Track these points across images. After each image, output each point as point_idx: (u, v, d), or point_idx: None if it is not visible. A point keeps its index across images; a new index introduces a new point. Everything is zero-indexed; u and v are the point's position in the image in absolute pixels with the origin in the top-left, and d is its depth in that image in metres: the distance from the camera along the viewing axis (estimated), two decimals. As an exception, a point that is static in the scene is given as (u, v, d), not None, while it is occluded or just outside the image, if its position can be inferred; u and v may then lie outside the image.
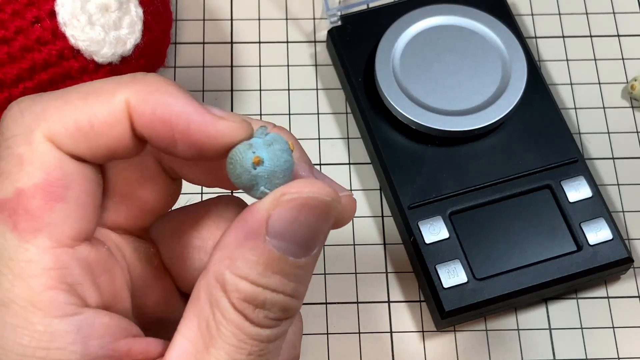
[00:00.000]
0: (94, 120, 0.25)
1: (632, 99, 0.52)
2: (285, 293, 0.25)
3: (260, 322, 0.25)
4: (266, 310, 0.25)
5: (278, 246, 0.25)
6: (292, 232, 0.25)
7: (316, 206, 0.25)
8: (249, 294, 0.24)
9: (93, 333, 0.25)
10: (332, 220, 0.26)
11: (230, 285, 0.24)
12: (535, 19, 0.54)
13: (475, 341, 0.46)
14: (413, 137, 0.48)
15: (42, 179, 0.25)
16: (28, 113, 0.25)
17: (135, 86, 0.25)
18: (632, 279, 0.47)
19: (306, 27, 0.54)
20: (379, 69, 0.48)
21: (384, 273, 0.47)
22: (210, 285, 0.25)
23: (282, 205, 0.25)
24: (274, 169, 0.25)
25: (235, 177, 0.26)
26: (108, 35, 0.42)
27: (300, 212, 0.25)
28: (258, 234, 0.24)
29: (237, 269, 0.25)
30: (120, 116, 0.25)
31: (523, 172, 0.47)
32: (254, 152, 0.25)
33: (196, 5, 0.54)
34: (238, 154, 0.25)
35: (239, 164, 0.25)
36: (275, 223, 0.25)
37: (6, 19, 0.41)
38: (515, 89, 0.48)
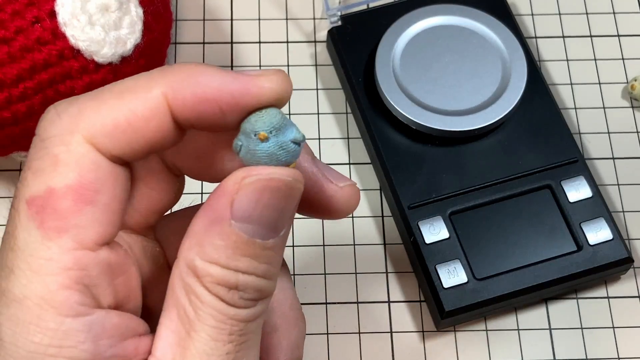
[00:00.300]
0: (131, 116, 0.25)
1: (632, 99, 0.52)
2: (256, 274, 0.25)
3: (236, 302, 0.25)
4: (240, 291, 0.25)
5: (244, 229, 0.25)
6: (257, 214, 0.25)
7: (277, 187, 0.25)
8: (220, 277, 0.25)
9: (103, 333, 0.25)
10: (296, 200, 0.26)
11: (202, 271, 0.25)
12: (535, 19, 0.54)
13: (475, 341, 0.46)
14: (413, 137, 0.48)
15: (74, 181, 0.25)
16: (65, 115, 0.26)
17: (168, 77, 0.26)
18: (632, 279, 0.47)
19: (306, 27, 0.54)
20: (379, 69, 0.48)
21: (384, 273, 0.47)
22: (183, 273, 0.25)
23: (243, 188, 0.25)
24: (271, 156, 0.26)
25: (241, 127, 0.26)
26: (108, 35, 0.42)
27: (262, 194, 0.25)
28: (223, 218, 0.25)
29: (205, 254, 0.25)
30: (159, 108, 0.25)
31: (523, 172, 0.47)
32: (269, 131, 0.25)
33: (196, 5, 0.54)
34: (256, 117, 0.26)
35: (250, 123, 0.26)
36: (238, 206, 0.25)
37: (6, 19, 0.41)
38: (515, 89, 0.48)
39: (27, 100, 0.41)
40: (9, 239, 0.25)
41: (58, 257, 0.25)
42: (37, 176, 0.25)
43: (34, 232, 0.25)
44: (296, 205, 0.26)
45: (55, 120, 0.26)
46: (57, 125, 0.25)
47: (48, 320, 0.24)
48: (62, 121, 0.25)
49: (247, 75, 0.26)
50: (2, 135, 0.43)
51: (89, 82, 0.42)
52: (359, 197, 0.29)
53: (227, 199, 0.25)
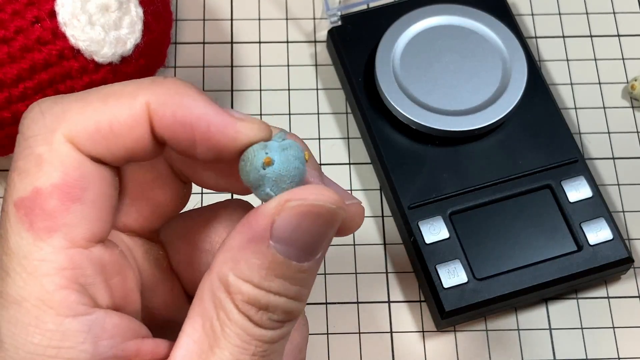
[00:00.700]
0: (114, 122, 0.25)
1: (632, 99, 0.52)
2: (288, 296, 0.25)
3: (263, 323, 0.25)
4: (270, 312, 0.25)
5: (281, 251, 0.25)
6: (296, 237, 0.25)
7: (320, 213, 0.25)
8: (252, 297, 0.25)
9: (103, 333, 0.25)
10: (336, 227, 0.26)
11: (234, 287, 0.25)
12: (536, 18, 0.54)
13: (476, 341, 0.46)
14: (413, 137, 0.48)
15: (60, 179, 0.25)
16: (49, 114, 0.26)
17: (156, 89, 0.25)
18: (632, 279, 0.47)
19: (306, 27, 0.54)
20: (379, 68, 0.48)
21: (384, 273, 0.47)
22: (214, 287, 0.25)
23: (286, 211, 0.25)
24: (282, 173, 0.26)
25: (244, 175, 0.26)
26: (108, 35, 0.42)
27: (304, 219, 0.25)
28: (262, 238, 0.25)
29: (240, 271, 0.25)
30: (140, 118, 0.25)
31: (523, 172, 0.47)
32: (267, 152, 0.26)
33: (196, 5, 0.54)
34: (251, 152, 0.26)
35: (249, 162, 0.26)
36: (279, 228, 0.25)
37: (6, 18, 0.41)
38: (516, 89, 0.48)
39: (27, 100, 0.41)
40: (2, 242, 0.25)
41: (51, 257, 0.25)
42: (22, 177, 0.25)
43: (24, 234, 0.25)
44: (334, 231, 0.26)
45: (38, 119, 0.26)
46: (40, 124, 0.25)
47: (47, 322, 0.24)
48: (45, 120, 0.25)
49: (230, 115, 0.26)
50: (2, 135, 0.43)
51: (89, 82, 0.42)
52: (363, 216, 0.29)
53: (268, 219, 0.25)
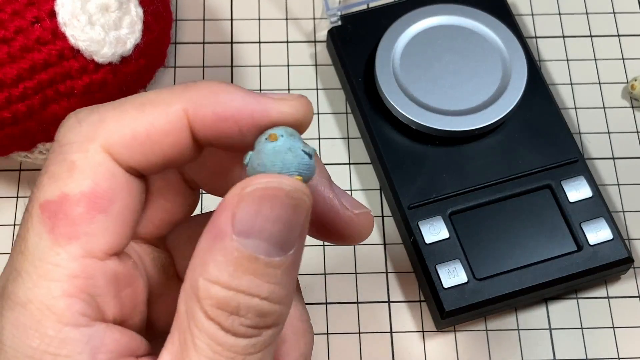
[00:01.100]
0: (151, 129, 0.25)
1: (632, 99, 0.52)
2: (260, 296, 0.23)
3: (235, 330, 0.23)
4: (241, 316, 0.23)
5: (247, 245, 0.23)
6: (258, 227, 0.23)
7: (276, 196, 0.24)
8: (221, 299, 0.23)
9: (102, 347, 0.24)
10: (303, 214, 0.24)
11: (203, 292, 0.23)
12: (536, 18, 0.54)
13: (476, 341, 0.46)
14: (413, 137, 0.48)
15: (89, 188, 0.25)
16: (86, 123, 0.26)
17: (190, 93, 0.26)
18: (632, 279, 0.47)
19: (306, 27, 0.54)
20: (379, 68, 0.48)
21: (384, 273, 0.47)
22: (187, 296, 0.24)
23: (244, 199, 0.24)
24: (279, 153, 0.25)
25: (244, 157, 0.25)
26: (108, 35, 0.42)
27: (261, 203, 0.23)
28: (225, 233, 0.23)
29: (208, 273, 0.23)
30: (178, 123, 0.25)
31: (523, 172, 0.47)
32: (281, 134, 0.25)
33: (196, 5, 0.54)
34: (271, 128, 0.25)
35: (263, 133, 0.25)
36: (239, 219, 0.23)
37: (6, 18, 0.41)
38: (515, 89, 0.48)
39: (27, 100, 0.41)
40: (20, 242, 0.25)
41: (66, 263, 0.24)
42: (52, 181, 0.25)
43: (44, 236, 0.25)
44: (305, 220, 0.24)
45: (75, 127, 0.26)
46: (76, 132, 0.25)
47: (47, 327, 0.24)
48: (82, 128, 0.25)
49: (269, 98, 0.26)
50: (2, 135, 0.43)
51: (89, 82, 0.42)
52: (372, 225, 0.28)
53: (229, 212, 0.24)
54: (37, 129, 0.43)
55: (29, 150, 0.45)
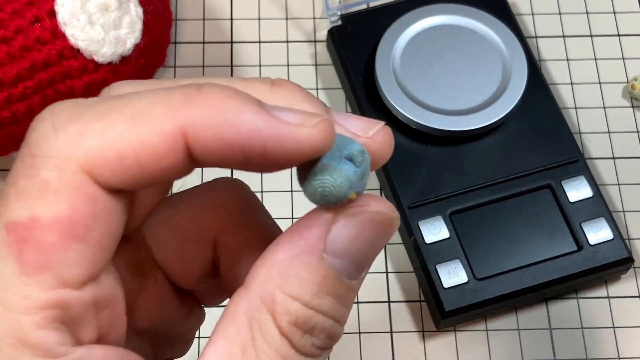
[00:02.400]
0: (140, 150, 0.21)
1: (633, 99, 0.52)
2: (335, 318, 0.23)
3: (306, 350, 0.23)
4: (314, 336, 0.23)
5: (335, 264, 0.22)
6: (353, 250, 0.22)
7: (382, 223, 0.23)
8: (300, 317, 0.22)
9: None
10: (389, 239, 0.23)
11: (280, 307, 0.22)
12: (536, 18, 0.54)
13: (476, 341, 0.46)
14: (413, 137, 0.48)
15: (64, 214, 0.22)
16: (63, 133, 0.22)
17: (191, 110, 0.21)
18: (633, 279, 0.47)
19: (306, 26, 0.54)
20: (379, 68, 0.48)
21: (384, 273, 0.47)
22: (254, 307, 0.22)
23: (345, 218, 0.22)
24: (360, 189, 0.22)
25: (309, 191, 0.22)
26: (108, 35, 0.42)
27: (365, 228, 0.22)
28: (315, 250, 0.22)
29: (289, 288, 0.22)
30: (173, 146, 0.21)
31: (523, 172, 0.47)
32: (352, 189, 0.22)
33: (196, 5, 0.54)
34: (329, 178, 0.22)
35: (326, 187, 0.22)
36: (335, 239, 0.22)
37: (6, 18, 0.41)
38: (516, 88, 0.48)
39: (27, 99, 0.41)
40: None
41: (37, 295, 0.21)
42: (21, 199, 0.22)
43: (10, 262, 0.22)
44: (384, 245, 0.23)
45: (50, 137, 0.22)
46: (52, 144, 0.22)
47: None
48: (58, 141, 0.22)
49: (286, 124, 0.21)
50: (1, 135, 0.43)
51: (89, 82, 0.42)
52: (392, 139, 0.24)
53: (322, 229, 0.22)
54: (36, 129, 0.43)
55: (29, 150, 0.45)
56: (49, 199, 0.21)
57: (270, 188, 0.49)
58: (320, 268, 0.22)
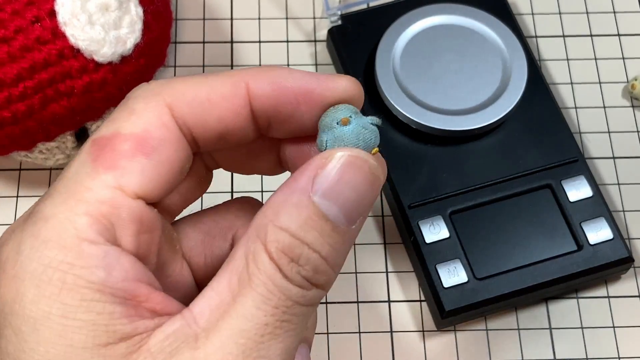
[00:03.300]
0: (211, 92, 0.27)
1: (633, 99, 0.52)
2: (320, 253, 0.26)
3: (292, 276, 0.25)
4: (300, 265, 0.25)
5: (321, 203, 0.26)
6: (337, 191, 0.26)
7: (362, 167, 0.26)
8: (286, 244, 0.25)
9: (118, 265, 0.25)
10: (375, 192, 0.27)
11: (271, 235, 0.25)
12: (536, 18, 0.54)
13: (476, 341, 0.46)
14: (413, 137, 0.48)
15: (140, 130, 0.26)
16: (154, 82, 0.28)
17: (250, 70, 0.28)
18: (633, 279, 0.47)
19: (306, 26, 0.54)
20: (379, 68, 0.48)
21: (384, 272, 0.47)
22: (250, 240, 0.26)
23: (330, 162, 0.26)
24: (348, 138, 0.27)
25: (320, 123, 0.27)
26: (108, 35, 0.42)
27: (345, 170, 0.26)
28: (304, 190, 0.26)
29: (279, 220, 0.25)
30: (238, 91, 0.27)
31: (523, 172, 0.47)
32: (350, 116, 0.27)
33: (196, 5, 0.54)
34: (336, 107, 0.27)
35: (331, 113, 0.27)
36: (322, 180, 0.26)
37: (6, 18, 0.41)
38: (516, 88, 0.48)
39: (27, 99, 0.41)
40: (64, 170, 0.27)
41: (97, 189, 0.26)
42: (110, 123, 0.27)
43: (86, 164, 0.26)
44: (374, 199, 0.27)
45: (144, 85, 0.28)
46: (144, 88, 0.28)
47: (66, 239, 0.25)
48: (150, 85, 0.28)
49: (323, 74, 0.28)
50: (2, 134, 0.43)
51: (89, 82, 0.42)
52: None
53: (311, 173, 0.26)
54: (37, 129, 0.43)
55: (29, 150, 0.45)
56: (132, 119, 0.27)
57: (270, 188, 0.49)
58: (308, 205, 0.26)
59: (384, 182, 0.27)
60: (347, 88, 0.28)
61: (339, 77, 0.28)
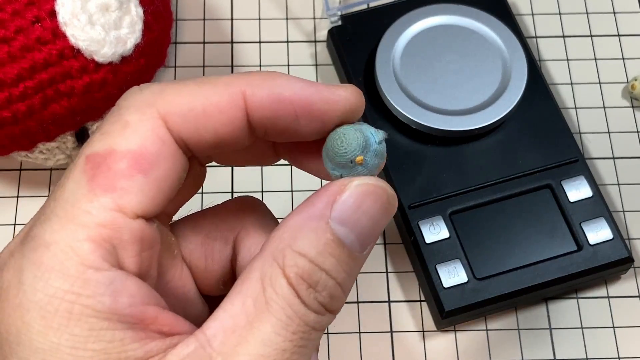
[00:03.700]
0: (207, 104, 0.26)
1: (633, 99, 0.52)
2: (337, 280, 0.26)
3: (310, 302, 0.25)
4: (317, 292, 0.25)
5: (339, 230, 0.26)
6: (355, 218, 0.26)
7: (380, 196, 0.26)
8: (305, 270, 0.25)
9: (124, 291, 0.25)
10: (389, 219, 0.27)
11: (289, 260, 0.25)
12: (536, 18, 0.54)
13: (476, 341, 0.46)
14: (413, 137, 0.48)
15: (136, 147, 0.26)
16: (147, 90, 0.27)
17: (248, 77, 0.27)
18: (633, 279, 0.47)
19: (306, 26, 0.54)
20: (379, 68, 0.48)
21: (384, 273, 0.47)
22: (266, 264, 0.26)
23: (350, 189, 0.26)
24: (363, 174, 0.27)
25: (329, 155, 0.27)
26: (108, 35, 0.42)
27: (365, 199, 0.26)
28: (322, 215, 0.26)
29: (297, 246, 0.25)
30: (235, 102, 0.26)
31: (523, 172, 0.47)
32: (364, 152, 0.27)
33: (196, 5, 0.54)
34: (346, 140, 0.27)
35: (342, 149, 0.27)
36: (340, 207, 0.26)
37: (6, 18, 0.41)
38: (516, 88, 0.48)
39: (27, 99, 0.41)
40: (57, 189, 0.26)
41: (96, 212, 0.25)
42: (103, 137, 0.26)
43: (82, 184, 0.25)
44: (385, 225, 0.27)
45: (136, 92, 0.27)
46: (137, 97, 0.27)
47: (70, 267, 0.24)
48: (143, 94, 0.27)
49: (324, 85, 0.27)
50: (2, 134, 0.43)
51: (89, 82, 0.42)
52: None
53: (330, 199, 0.26)
54: (37, 129, 0.43)
55: (29, 150, 0.45)
56: (127, 134, 0.26)
57: (270, 188, 0.49)
58: (326, 231, 0.25)
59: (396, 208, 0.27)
60: (348, 101, 0.27)
61: (339, 87, 0.27)
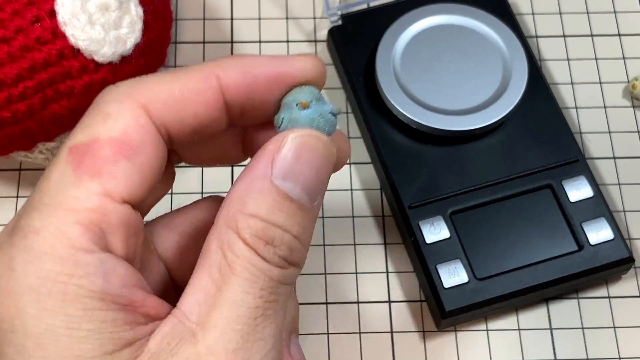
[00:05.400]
0: (183, 88, 0.27)
1: (633, 99, 0.52)
2: (291, 233, 0.27)
3: (270, 258, 0.26)
4: (275, 247, 0.26)
5: (283, 185, 0.26)
6: (297, 171, 0.27)
7: (316, 145, 0.27)
8: (259, 229, 0.26)
9: (114, 272, 0.25)
10: (330, 167, 0.28)
11: (242, 223, 0.26)
12: (536, 18, 0.54)
13: (476, 341, 0.46)
14: (413, 137, 0.47)
15: (119, 134, 0.26)
16: (123, 85, 0.28)
17: (219, 61, 0.28)
18: (633, 279, 0.47)
19: (306, 26, 0.54)
20: (380, 68, 0.48)
21: (384, 273, 0.47)
22: (222, 232, 0.26)
23: (286, 144, 0.27)
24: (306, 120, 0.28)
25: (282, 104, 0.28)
26: (108, 35, 0.42)
27: (302, 150, 0.27)
28: (264, 176, 0.27)
29: (247, 208, 0.26)
30: (210, 83, 0.28)
31: (524, 172, 0.47)
32: (310, 100, 0.28)
33: (196, 5, 0.54)
34: (298, 89, 0.28)
35: (291, 95, 0.28)
36: (280, 163, 0.27)
37: (6, 18, 0.40)
38: (516, 88, 0.48)
39: (27, 99, 0.41)
40: (41, 182, 0.26)
41: (84, 197, 0.26)
42: (84, 129, 0.27)
43: (68, 172, 0.26)
44: (329, 175, 0.28)
45: (112, 88, 0.28)
46: (114, 91, 0.28)
47: (60, 250, 0.25)
48: (120, 88, 0.28)
49: (289, 56, 0.29)
50: (2, 134, 0.43)
51: (89, 82, 0.42)
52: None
53: (269, 158, 0.27)
54: (37, 129, 0.43)
55: (29, 150, 0.45)
56: (109, 124, 0.27)
57: (271, 188, 0.49)
58: (271, 189, 0.26)
59: (336, 156, 0.28)
60: (314, 65, 0.29)
61: (302, 56, 0.29)
